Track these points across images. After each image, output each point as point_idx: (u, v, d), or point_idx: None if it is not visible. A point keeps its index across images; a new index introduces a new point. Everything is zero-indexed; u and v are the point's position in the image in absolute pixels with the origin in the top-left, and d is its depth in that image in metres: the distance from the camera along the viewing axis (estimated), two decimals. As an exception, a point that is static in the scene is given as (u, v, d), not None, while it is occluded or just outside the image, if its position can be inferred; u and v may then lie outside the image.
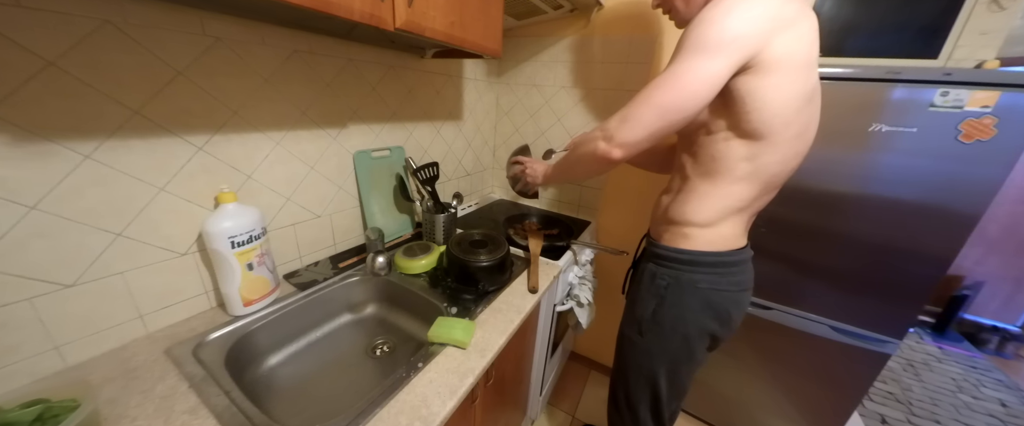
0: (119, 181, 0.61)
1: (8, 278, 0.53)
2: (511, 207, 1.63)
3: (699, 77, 0.59)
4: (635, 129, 0.63)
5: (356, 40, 0.93)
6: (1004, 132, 0.86)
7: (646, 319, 0.81)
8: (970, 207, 0.93)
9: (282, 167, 0.85)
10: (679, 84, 0.60)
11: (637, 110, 0.63)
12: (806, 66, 0.62)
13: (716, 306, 0.76)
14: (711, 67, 0.58)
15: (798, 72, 0.61)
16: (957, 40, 1.10)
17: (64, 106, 0.54)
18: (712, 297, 0.75)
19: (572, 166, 0.84)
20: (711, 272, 0.75)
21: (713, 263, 0.75)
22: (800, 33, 0.60)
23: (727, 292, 0.76)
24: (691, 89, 0.59)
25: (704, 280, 0.75)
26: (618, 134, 0.65)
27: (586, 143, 0.72)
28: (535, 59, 1.48)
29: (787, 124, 0.64)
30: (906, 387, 1.96)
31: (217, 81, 0.70)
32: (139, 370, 0.61)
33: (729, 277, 0.76)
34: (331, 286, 0.90)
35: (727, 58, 0.58)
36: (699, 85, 0.59)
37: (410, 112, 1.19)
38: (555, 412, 1.60)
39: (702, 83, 0.59)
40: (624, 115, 0.64)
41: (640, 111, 0.62)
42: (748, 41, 0.57)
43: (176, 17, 0.63)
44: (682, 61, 0.60)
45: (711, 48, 0.58)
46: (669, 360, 0.82)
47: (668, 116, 0.61)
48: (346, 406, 0.57)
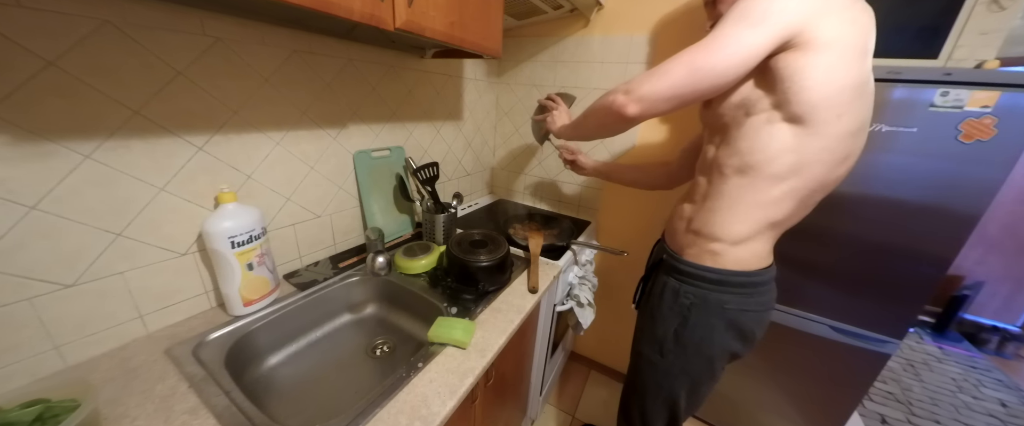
0: (119, 181, 0.61)
1: (8, 278, 0.53)
2: (511, 207, 1.63)
3: (739, 44, 0.56)
4: (659, 83, 0.60)
5: (356, 40, 0.93)
6: (1004, 132, 0.86)
7: (668, 339, 0.77)
8: (970, 207, 0.93)
9: (282, 167, 0.85)
10: (715, 45, 0.57)
11: (666, 65, 0.60)
12: (859, 53, 0.57)
13: (742, 326, 0.72)
14: (753, 37, 0.55)
15: (850, 56, 0.56)
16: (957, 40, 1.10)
17: (64, 106, 0.54)
18: (739, 318, 0.71)
19: (585, 118, 0.80)
20: (740, 293, 0.70)
21: (742, 284, 0.70)
22: (853, 16, 0.56)
23: (754, 312, 0.72)
24: (727, 52, 0.56)
25: (732, 301, 0.70)
26: (640, 86, 0.61)
27: (605, 95, 0.68)
28: (535, 59, 1.48)
29: (838, 114, 0.58)
30: (906, 387, 1.96)
31: (217, 81, 0.70)
32: (139, 370, 0.61)
33: (757, 297, 0.72)
34: (331, 286, 0.90)
35: (770, 29, 0.54)
36: (737, 51, 0.56)
37: (410, 112, 1.19)
38: (555, 412, 1.60)
39: (741, 50, 0.56)
40: (651, 70, 0.61)
41: (669, 66, 0.59)
42: (795, 15, 0.54)
43: (176, 17, 0.63)
44: (723, 27, 0.57)
45: (755, 18, 0.55)
46: (690, 381, 0.79)
47: (698, 77, 0.58)
48: (346, 406, 0.57)
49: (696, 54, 0.58)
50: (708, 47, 0.57)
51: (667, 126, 1.32)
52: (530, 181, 1.68)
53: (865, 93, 0.60)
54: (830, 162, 0.61)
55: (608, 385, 1.75)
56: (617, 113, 0.65)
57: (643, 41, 1.26)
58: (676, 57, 0.60)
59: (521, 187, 1.72)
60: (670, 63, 0.60)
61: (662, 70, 0.60)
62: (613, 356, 1.77)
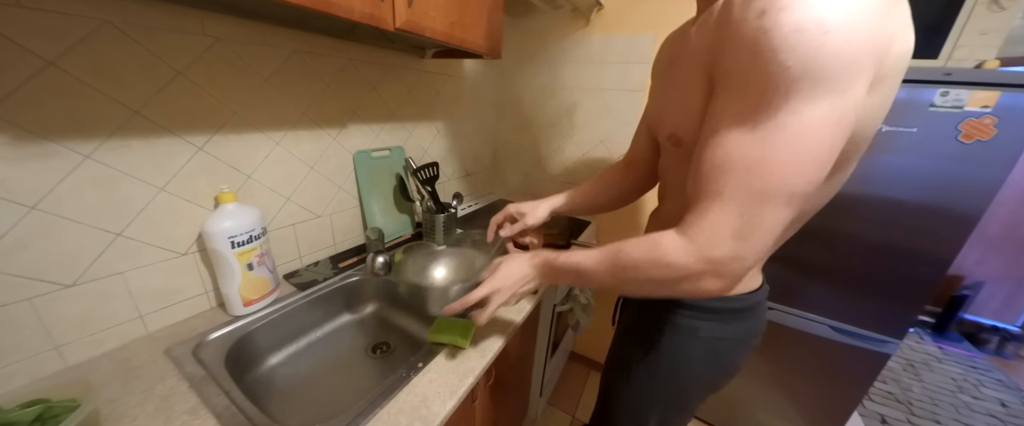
0: (119, 181, 0.61)
1: (8, 278, 0.53)
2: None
3: (835, 131, 0.35)
4: (759, 244, 0.39)
5: (356, 40, 0.93)
6: (1004, 132, 0.86)
7: (635, 363, 0.69)
8: (970, 207, 0.93)
9: (282, 167, 0.85)
10: (810, 152, 0.36)
11: (756, 214, 0.38)
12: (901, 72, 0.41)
13: (720, 356, 0.63)
14: (846, 106, 0.35)
15: (897, 83, 0.41)
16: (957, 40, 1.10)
17: (64, 106, 0.54)
18: (716, 347, 0.62)
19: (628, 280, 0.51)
20: (715, 319, 0.60)
21: (718, 310, 0.60)
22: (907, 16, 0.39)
23: (732, 341, 0.62)
24: (826, 153, 0.36)
25: (706, 328, 0.61)
26: (736, 259, 0.40)
27: (679, 279, 0.44)
28: (535, 59, 1.48)
29: (859, 155, 0.45)
30: (906, 387, 1.96)
31: (217, 81, 0.70)
32: (139, 370, 0.61)
33: (736, 324, 0.61)
34: (331, 286, 0.90)
35: (863, 84, 0.35)
36: (833, 146, 0.36)
37: (410, 112, 1.19)
38: (555, 412, 1.60)
39: (839, 138, 0.36)
40: (735, 228, 0.39)
41: (761, 215, 0.38)
42: (877, 50, 0.35)
43: (176, 17, 0.63)
44: (798, 110, 0.34)
45: (840, 77, 0.33)
46: (662, 408, 0.70)
47: (800, 205, 0.38)
48: (346, 406, 0.57)
49: (786, 177, 0.36)
50: (798, 160, 0.36)
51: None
52: (530, 181, 1.68)
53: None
54: (835, 185, 0.51)
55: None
56: (704, 293, 0.43)
57: (643, 41, 1.26)
58: (759, 193, 0.37)
59: (521, 187, 1.72)
60: (757, 208, 0.38)
61: (749, 222, 0.38)
62: (613, 356, 1.77)
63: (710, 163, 0.40)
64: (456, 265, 0.93)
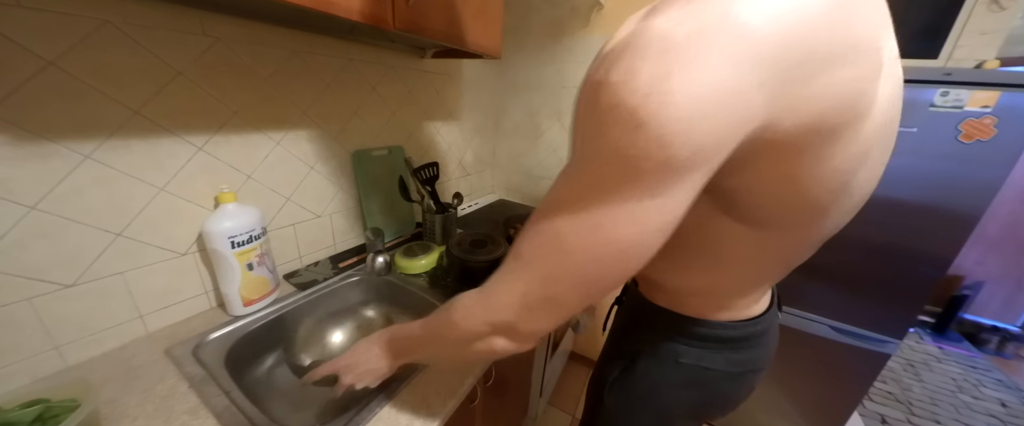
0: (119, 181, 0.61)
1: (8, 278, 0.53)
2: (511, 207, 1.63)
3: (642, 232, 0.30)
4: (547, 321, 0.37)
5: (356, 40, 0.93)
6: (1004, 132, 0.86)
7: (611, 380, 0.61)
8: (970, 207, 0.93)
9: (282, 167, 0.85)
10: (610, 249, 0.31)
11: (548, 289, 0.35)
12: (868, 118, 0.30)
13: (706, 386, 0.54)
14: (661, 208, 0.29)
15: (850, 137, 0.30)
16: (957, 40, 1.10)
17: (64, 106, 0.54)
18: (701, 376, 0.53)
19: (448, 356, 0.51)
20: (699, 346, 0.52)
21: (704, 336, 0.51)
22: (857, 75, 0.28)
23: (722, 372, 0.52)
24: (630, 251, 0.31)
25: (689, 354, 0.52)
26: (522, 326, 0.38)
27: (471, 339, 0.42)
28: (535, 59, 1.48)
29: (824, 206, 0.36)
30: (906, 387, 1.96)
31: (217, 81, 0.70)
32: (139, 370, 0.61)
33: (727, 353, 0.52)
34: (331, 286, 0.90)
35: (693, 182, 0.29)
36: (644, 241, 0.31)
37: (410, 112, 1.19)
38: (555, 412, 1.60)
39: (648, 238, 0.31)
40: (523, 294, 0.36)
41: (552, 292, 0.35)
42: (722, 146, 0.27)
43: (176, 17, 0.63)
44: (602, 199, 0.30)
45: (656, 173, 0.27)
46: None
47: (601, 291, 0.34)
48: (346, 406, 0.57)
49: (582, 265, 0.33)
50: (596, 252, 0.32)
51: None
52: (530, 181, 1.68)
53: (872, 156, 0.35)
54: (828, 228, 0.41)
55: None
56: (501, 353, 0.41)
57: (643, 41, 1.26)
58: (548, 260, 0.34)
59: (521, 187, 1.72)
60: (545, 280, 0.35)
61: (539, 295, 0.35)
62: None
63: (530, 221, 0.36)
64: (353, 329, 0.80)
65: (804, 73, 0.26)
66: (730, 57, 0.24)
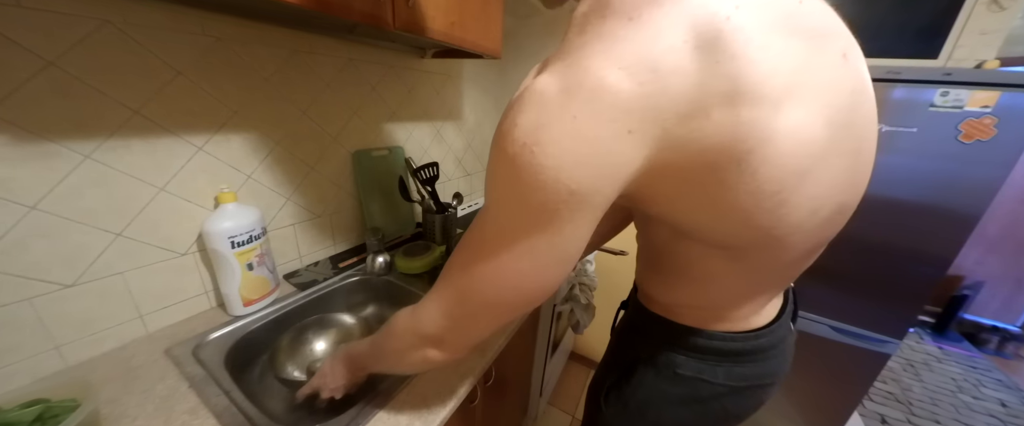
0: (119, 181, 0.61)
1: (8, 278, 0.53)
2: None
3: (537, 262, 0.34)
4: (467, 336, 0.42)
5: (356, 40, 0.93)
6: (1004, 132, 0.86)
7: (609, 386, 0.60)
8: (970, 207, 0.93)
9: (282, 167, 0.85)
10: (508, 275, 0.35)
11: (465, 307, 0.40)
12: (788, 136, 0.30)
13: (706, 402, 0.52)
14: (554, 243, 0.33)
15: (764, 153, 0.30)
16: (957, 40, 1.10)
17: (64, 106, 0.54)
18: (699, 390, 0.51)
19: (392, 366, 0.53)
20: (698, 358, 0.50)
21: (702, 348, 0.49)
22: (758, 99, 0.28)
23: (724, 386, 0.50)
24: (525, 279, 0.35)
25: (688, 366, 0.50)
26: (447, 338, 0.42)
27: (407, 349, 0.46)
28: (535, 59, 1.47)
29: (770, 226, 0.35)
30: (906, 387, 1.96)
31: (217, 81, 0.70)
32: (139, 370, 0.61)
33: (730, 367, 0.50)
34: (331, 286, 0.90)
35: (579, 221, 0.32)
36: (542, 271, 0.35)
37: (410, 112, 1.19)
38: (555, 412, 1.60)
39: (552, 267, 0.35)
40: (446, 311, 0.41)
41: (468, 310, 0.40)
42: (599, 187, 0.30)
43: (176, 17, 0.63)
44: (502, 232, 0.34)
45: (540, 212, 0.31)
46: None
47: (510, 314, 0.39)
48: (346, 406, 0.57)
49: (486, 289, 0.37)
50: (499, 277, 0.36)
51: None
52: (530, 181, 1.68)
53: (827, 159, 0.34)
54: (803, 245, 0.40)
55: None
56: (432, 365, 0.45)
57: (643, 41, 1.26)
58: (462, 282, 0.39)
59: (521, 187, 1.72)
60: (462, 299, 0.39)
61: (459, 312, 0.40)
62: (613, 356, 1.77)
63: (457, 246, 0.40)
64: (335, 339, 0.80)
65: (675, 118, 0.28)
66: (595, 110, 0.27)
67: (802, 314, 1.20)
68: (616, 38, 0.27)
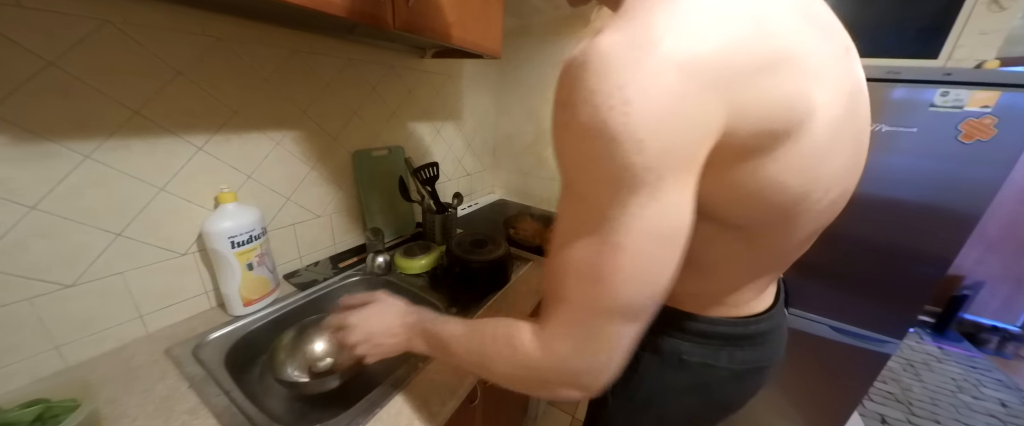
0: (119, 181, 0.61)
1: (8, 278, 0.53)
2: (511, 207, 1.63)
3: (656, 239, 0.31)
4: (608, 359, 0.35)
5: (356, 40, 0.93)
6: (1004, 132, 0.86)
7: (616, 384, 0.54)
8: (970, 207, 0.93)
9: (282, 167, 0.85)
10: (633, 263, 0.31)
11: (598, 326, 0.34)
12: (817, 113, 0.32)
13: (711, 389, 0.53)
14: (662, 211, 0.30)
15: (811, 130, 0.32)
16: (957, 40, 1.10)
17: (64, 106, 0.54)
18: (706, 377, 0.52)
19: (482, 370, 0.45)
20: (703, 343, 0.51)
21: (705, 334, 0.50)
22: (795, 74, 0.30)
23: (727, 371, 0.51)
24: (652, 262, 0.31)
25: (694, 352, 0.51)
26: (586, 373, 0.36)
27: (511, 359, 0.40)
28: (535, 59, 1.48)
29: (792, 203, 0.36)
30: (906, 387, 1.96)
31: (217, 81, 0.70)
32: (139, 370, 0.61)
33: (732, 351, 0.50)
34: (331, 286, 0.90)
35: (684, 180, 0.30)
36: (661, 249, 0.31)
37: (410, 112, 1.19)
38: (555, 412, 1.60)
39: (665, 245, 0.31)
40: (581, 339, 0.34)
41: (603, 328, 0.34)
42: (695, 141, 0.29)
43: (176, 17, 0.63)
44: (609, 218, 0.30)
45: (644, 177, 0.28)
46: None
47: (650, 306, 0.34)
48: (346, 406, 0.57)
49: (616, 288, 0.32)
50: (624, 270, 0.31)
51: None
52: (530, 181, 1.68)
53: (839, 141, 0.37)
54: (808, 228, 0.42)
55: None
56: (562, 399, 0.39)
57: (643, 41, 1.26)
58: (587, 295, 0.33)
59: (521, 187, 1.72)
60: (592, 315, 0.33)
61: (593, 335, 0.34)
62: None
63: (553, 261, 0.35)
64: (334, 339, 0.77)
65: (746, 77, 0.28)
66: (677, 65, 0.26)
67: (802, 314, 1.20)
68: (679, 3, 0.28)
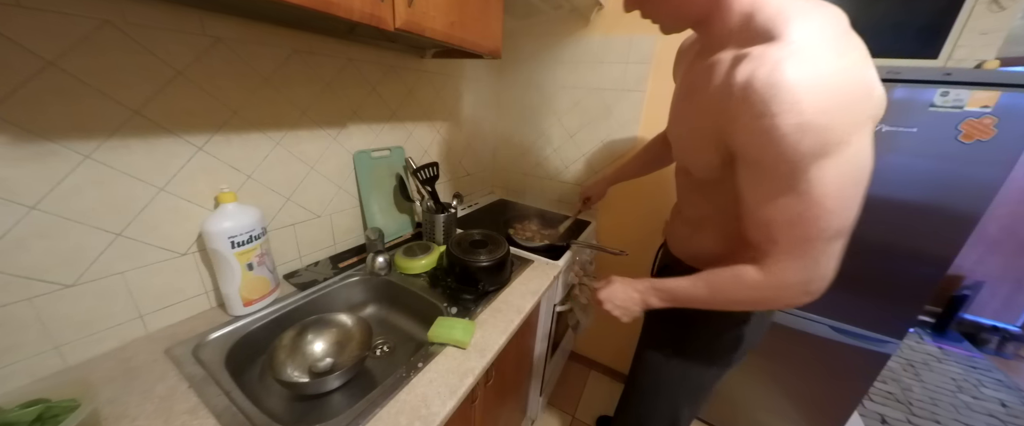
0: (119, 181, 0.61)
1: (8, 278, 0.53)
2: (511, 207, 1.63)
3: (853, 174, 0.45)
4: (825, 271, 0.51)
5: (356, 40, 0.93)
6: (1004, 132, 0.86)
7: (672, 347, 0.78)
8: (970, 207, 0.93)
9: (282, 167, 0.85)
10: (837, 197, 0.46)
11: (811, 253, 0.49)
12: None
13: (748, 335, 0.73)
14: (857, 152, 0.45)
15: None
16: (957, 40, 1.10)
17: (64, 106, 0.54)
18: (744, 330, 0.72)
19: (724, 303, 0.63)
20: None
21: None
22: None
23: (760, 317, 0.72)
24: (850, 192, 0.46)
25: (736, 314, 0.71)
26: (807, 280, 0.51)
27: (748, 289, 0.56)
28: (535, 59, 1.48)
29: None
30: (906, 387, 1.96)
31: (217, 81, 0.70)
32: (139, 370, 0.61)
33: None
34: (331, 286, 0.90)
35: (864, 132, 0.45)
36: (857, 181, 0.46)
37: (410, 112, 1.19)
38: (555, 412, 1.60)
39: (860, 177, 0.46)
40: (801, 267, 0.50)
41: (816, 252, 0.49)
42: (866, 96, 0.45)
43: (176, 17, 0.63)
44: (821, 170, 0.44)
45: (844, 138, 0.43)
46: (694, 389, 0.81)
47: (848, 233, 0.49)
48: (346, 406, 0.57)
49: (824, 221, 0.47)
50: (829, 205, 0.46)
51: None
52: (530, 181, 1.68)
53: None
54: None
55: (608, 385, 1.75)
56: (799, 305, 0.56)
57: (643, 41, 1.26)
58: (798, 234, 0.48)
59: (521, 187, 1.72)
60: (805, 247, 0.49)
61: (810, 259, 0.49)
62: (613, 356, 1.77)
63: (759, 218, 0.51)
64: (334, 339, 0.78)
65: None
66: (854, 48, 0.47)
67: (803, 314, 1.20)
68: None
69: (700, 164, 0.62)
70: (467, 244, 0.96)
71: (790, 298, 0.54)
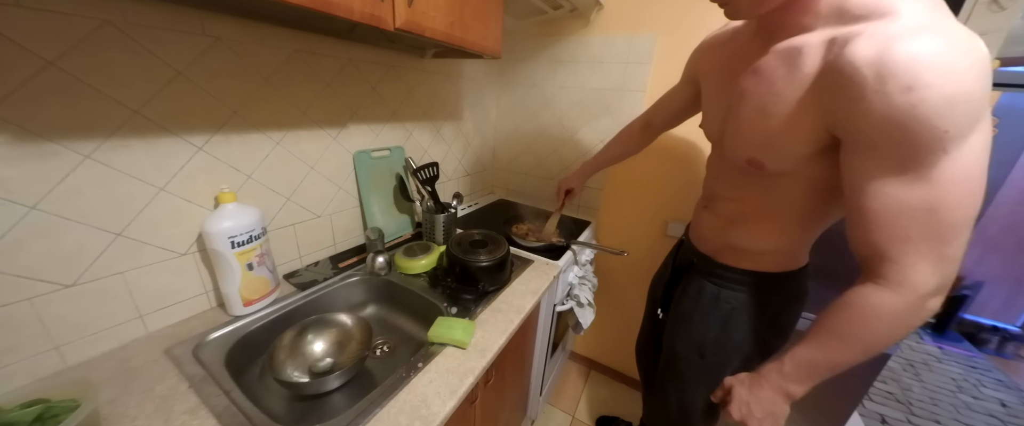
0: (119, 181, 0.61)
1: (8, 278, 0.53)
2: (511, 207, 1.63)
3: (984, 159, 0.43)
4: (955, 267, 0.46)
5: (356, 40, 0.93)
6: (1004, 132, 0.86)
7: (708, 342, 0.78)
8: (970, 207, 0.93)
9: (282, 167, 0.85)
10: (974, 182, 0.43)
11: (945, 246, 0.45)
12: None
13: (783, 323, 0.75)
14: (986, 135, 0.42)
15: None
16: (957, 40, 1.10)
17: (64, 106, 0.54)
18: (777, 319, 0.74)
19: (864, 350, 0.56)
20: (780, 292, 0.73)
21: (782, 284, 0.72)
22: None
23: (792, 305, 0.75)
24: (983, 178, 0.44)
25: (774, 302, 0.73)
26: (945, 283, 0.47)
27: (904, 323, 0.50)
28: (535, 59, 1.48)
29: None
30: (906, 387, 1.96)
31: (217, 81, 0.70)
32: (139, 370, 0.61)
33: (796, 291, 0.74)
34: (331, 286, 0.90)
35: (988, 115, 0.43)
36: (985, 166, 0.43)
37: (410, 112, 1.19)
38: (555, 412, 1.60)
39: (987, 162, 0.43)
40: (933, 263, 0.45)
41: (949, 245, 0.44)
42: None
43: (176, 17, 0.63)
44: (958, 156, 0.41)
45: (978, 121, 0.41)
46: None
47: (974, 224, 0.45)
48: (346, 406, 0.57)
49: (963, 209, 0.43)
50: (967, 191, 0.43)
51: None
52: (530, 181, 1.68)
53: None
54: None
55: (608, 385, 1.75)
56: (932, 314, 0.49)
57: (643, 41, 1.26)
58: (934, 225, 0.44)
59: (521, 187, 1.72)
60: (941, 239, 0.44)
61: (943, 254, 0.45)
62: (613, 356, 1.77)
63: (885, 214, 0.46)
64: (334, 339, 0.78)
65: None
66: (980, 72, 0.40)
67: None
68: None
69: (784, 154, 0.57)
70: (467, 244, 0.96)
71: (929, 310, 0.47)
